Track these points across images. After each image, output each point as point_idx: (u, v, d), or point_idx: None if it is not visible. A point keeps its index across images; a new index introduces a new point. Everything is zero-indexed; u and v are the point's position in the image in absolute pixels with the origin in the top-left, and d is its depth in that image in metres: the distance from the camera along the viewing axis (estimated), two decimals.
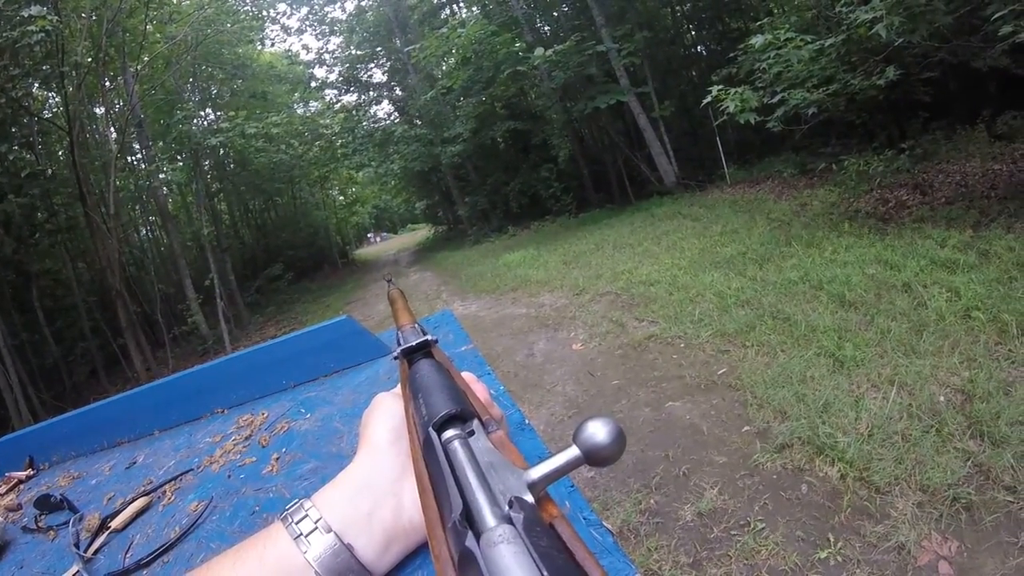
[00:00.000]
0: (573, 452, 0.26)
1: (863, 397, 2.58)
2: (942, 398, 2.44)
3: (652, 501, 2.32)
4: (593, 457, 0.26)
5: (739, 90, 5.71)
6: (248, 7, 15.57)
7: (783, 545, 1.91)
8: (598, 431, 0.26)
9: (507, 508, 0.24)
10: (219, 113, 16.78)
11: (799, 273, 4.44)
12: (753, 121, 5.70)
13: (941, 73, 6.77)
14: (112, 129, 11.47)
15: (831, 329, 3.31)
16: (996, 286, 3.27)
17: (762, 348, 3.39)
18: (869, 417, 2.41)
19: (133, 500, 0.72)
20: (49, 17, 6.89)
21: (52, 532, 0.74)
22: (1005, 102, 6.93)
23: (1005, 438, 2.07)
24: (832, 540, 1.87)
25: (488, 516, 0.23)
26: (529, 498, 0.25)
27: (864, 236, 4.99)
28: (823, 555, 1.82)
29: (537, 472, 0.26)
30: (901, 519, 1.87)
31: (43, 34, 6.91)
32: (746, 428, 2.63)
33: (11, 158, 8.65)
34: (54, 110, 10.84)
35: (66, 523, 0.72)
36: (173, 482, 0.75)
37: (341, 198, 28.11)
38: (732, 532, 2.03)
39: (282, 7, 19.38)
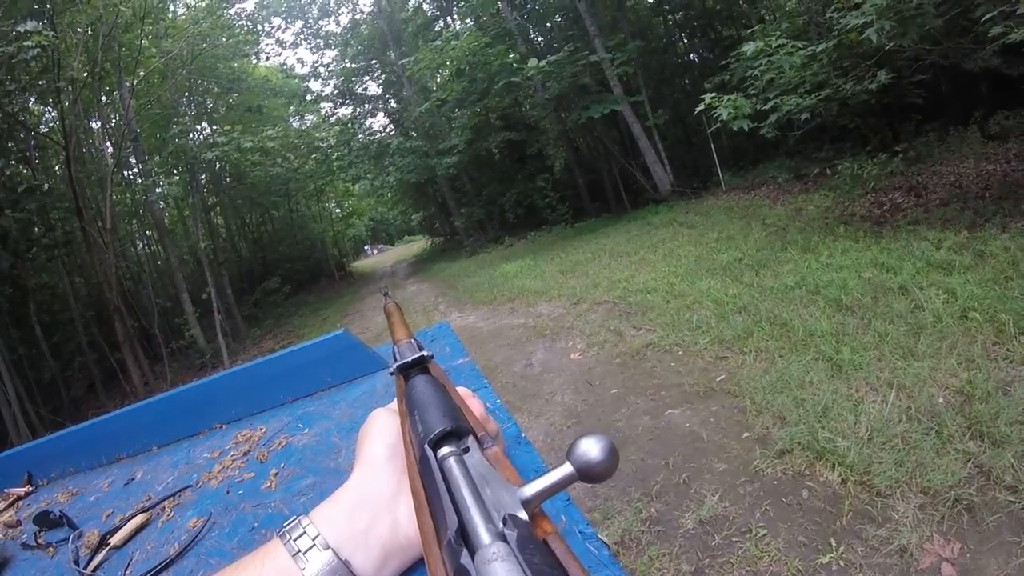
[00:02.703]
0: (567, 469, 0.26)
1: (862, 401, 2.58)
2: (941, 400, 2.44)
3: (653, 509, 2.31)
4: (586, 474, 0.26)
5: (732, 97, 5.75)
6: (243, 22, 15.69)
7: (785, 551, 1.90)
8: (591, 448, 0.26)
9: (501, 525, 0.24)
10: (215, 127, 16.81)
11: (796, 278, 4.46)
12: (747, 128, 5.74)
13: (933, 75, 6.83)
14: (108, 143, 11.52)
15: (828, 333, 3.31)
16: (992, 286, 3.28)
17: (760, 354, 3.39)
18: (868, 421, 2.41)
19: (132, 516, 0.71)
20: (45, 32, 6.93)
21: (51, 549, 0.73)
22: (997, 102, 6.99)
23: (1005, 438, 2.07)
24: (834, 545, 1.86)
25: (483, 533, 0.23)
26: (523, 515, 0.25)
27: (860, 240, 5.01)
28: (825, 560, 1.82)
29: (531, 489, 0.26)
30: (903, 522, 1.87)
31: (39, 49, 6.95)
32: (746, 434, 2.63)
33: (7, 173, 8.66)
34: (50, 125, 10.87)
35: (65, 540, 0.72)
36: (172, 498, 0.75)
37: (337, 210, 28.12)
38: (734, 539, 2.03)
39: (277, 21, 19.58)
